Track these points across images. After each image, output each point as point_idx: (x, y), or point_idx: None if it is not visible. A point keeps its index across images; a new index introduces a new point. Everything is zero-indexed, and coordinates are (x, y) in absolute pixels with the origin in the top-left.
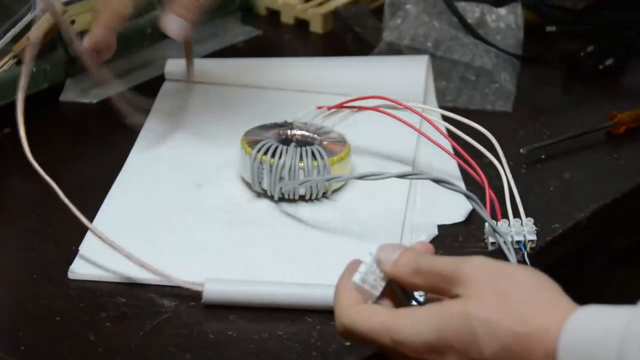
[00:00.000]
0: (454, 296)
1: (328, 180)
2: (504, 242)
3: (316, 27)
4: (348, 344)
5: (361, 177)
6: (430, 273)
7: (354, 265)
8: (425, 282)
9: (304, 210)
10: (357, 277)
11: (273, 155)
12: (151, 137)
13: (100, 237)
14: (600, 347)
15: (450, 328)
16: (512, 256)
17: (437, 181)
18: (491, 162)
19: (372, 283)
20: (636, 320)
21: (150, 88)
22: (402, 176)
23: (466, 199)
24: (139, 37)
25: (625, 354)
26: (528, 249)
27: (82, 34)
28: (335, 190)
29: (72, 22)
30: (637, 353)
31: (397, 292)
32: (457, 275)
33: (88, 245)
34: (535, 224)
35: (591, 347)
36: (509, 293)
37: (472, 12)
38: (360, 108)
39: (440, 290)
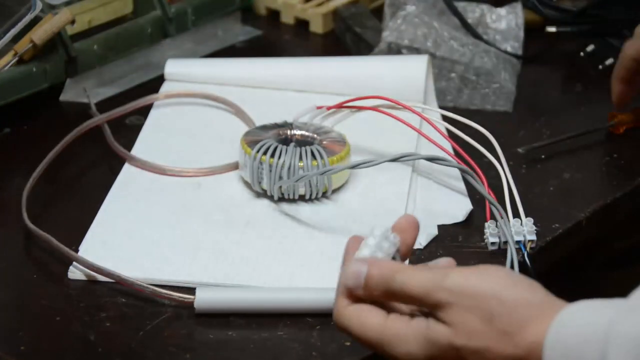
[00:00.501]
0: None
1: (323, 173)
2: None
3: (316, 27)
4: (348, 343)
5: (355, 166)
6: (404, 295)
7: (354, 245)
8: (403, 301)
9: (304, 210)
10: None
11: (273, 155)
12: (151, 136)
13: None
14: (584, 347)
15: (441, 354)
16: (513, 252)
17: (430, 159)
18: (491, 162)
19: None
20: (619, 319)
21: (151, 88)
22: (395, 159)
23: (466, 200)
24: (139, 37)
25: (608, 354)
26: (528, 249)
27: (82, 34)
28: (335, 190)
29: (72, 22)
30: (619, 354)
31: None
32: (434, 301)
33: (88, 245)
34: (535, 224)
35: (575, 345)
36: (492, 312)
37: (472, 12)
38: (360, 108)
39: (417, 306)
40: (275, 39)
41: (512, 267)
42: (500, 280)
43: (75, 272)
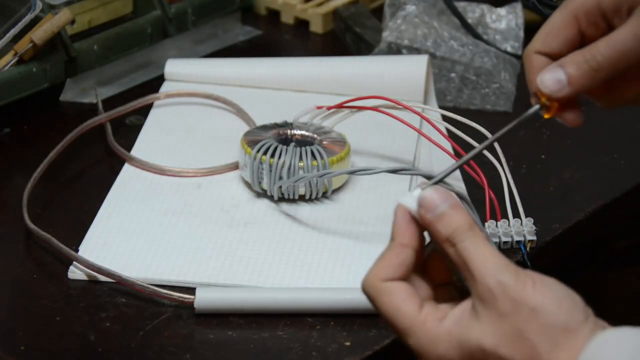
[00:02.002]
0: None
1: (321, 175)
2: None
3: (316, 27)
4: (348, 344)
5: (353, 172)
6: (461, 256)
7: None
8: (453, 256)
9: (304, 210)
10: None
11: (273, 155)
12: (151, 136)
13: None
14: None
15: (468, 358)
16: None
17: (429, 178)
18: (491, 162)
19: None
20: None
21: (151, 88)
22: (394, 171)
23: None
24: (139, 37)
25: None
26: (528, 249)
27: (82, 34)
28: (335, 190)
29: (72, 22)
30: None
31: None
32: (481, 284)
33: (88, 245)
34: (535, 224)
35: None
36: (525, 330)
37: (472, 12)
38: (360, 108)
39: (461, 271)
40: (275, 39)
41: None
42: (547, 294)
43: (75, 272)
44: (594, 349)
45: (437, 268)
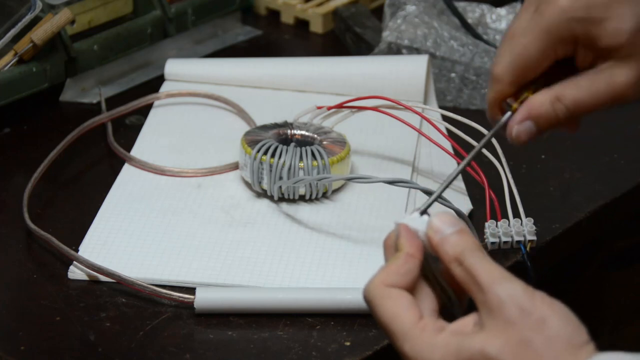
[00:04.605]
0: (476, 311)
1: (320, 179)
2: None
3: (316, 27)
4: (348, 344)
5: (350, 179)
6: (468, 271)
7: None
8: (460, 275)
9: (304, 210)
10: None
11: (273, 155)
12: (151, 136)
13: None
14: None
15: None
16: None
17: (428, 193)
18: (491, 162)
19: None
20: None
21: (151, 88)
22: (391, 182)
23: (466, 199)
24: (139, 37)
25: None
26: (528, 249)
27: (82, 34)
28: (335, 190)
29: (72, 22)
30: None
31: (436, 283)
32: (490, 293)
33: (88, 245)
34: (535, 224)
35: None
36: (531, 339)
37: (472, 12)
38: (360, 108)
39: (467, 290)
40: (275, 39)
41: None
42: (554, 309)
43: (75, 272)
44: None
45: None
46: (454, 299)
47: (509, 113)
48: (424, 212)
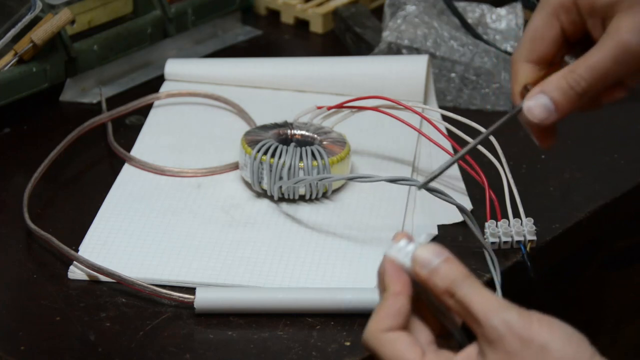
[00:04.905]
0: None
1: (320, 179)
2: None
3: (316, 27)
4: (348, 344)
5: (351, 179)
6: (462, 303)
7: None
8: (454, 307)
9: (304, 210)
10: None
11: (273, 155)
12: (151, 136)
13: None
14: None
15: None
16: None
17: (429, 190)
18: (491, 162)
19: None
20: None
21: (151, 88)
22: (392, 181)
23: (466, 199)
24: (139, 37)
25: None
26: (528, 249)
27: (82, 34)
28: (335, 190)
29: (72, 22)
30: None
31: (434, 307)
32: (487, 327)
33: (88, 245)
34: (535, 224)
35: None
36: None
37: (472, 12)
38: (360, 108)
39: (464, 320)
40: (275, 39)
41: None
42: (553, 330)
43: (75, 272)
44: None
45: (433, 322)
46: (456, 322)
47: (522, 103)
48: (429, 181)
